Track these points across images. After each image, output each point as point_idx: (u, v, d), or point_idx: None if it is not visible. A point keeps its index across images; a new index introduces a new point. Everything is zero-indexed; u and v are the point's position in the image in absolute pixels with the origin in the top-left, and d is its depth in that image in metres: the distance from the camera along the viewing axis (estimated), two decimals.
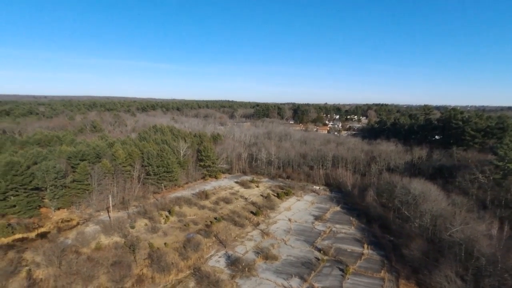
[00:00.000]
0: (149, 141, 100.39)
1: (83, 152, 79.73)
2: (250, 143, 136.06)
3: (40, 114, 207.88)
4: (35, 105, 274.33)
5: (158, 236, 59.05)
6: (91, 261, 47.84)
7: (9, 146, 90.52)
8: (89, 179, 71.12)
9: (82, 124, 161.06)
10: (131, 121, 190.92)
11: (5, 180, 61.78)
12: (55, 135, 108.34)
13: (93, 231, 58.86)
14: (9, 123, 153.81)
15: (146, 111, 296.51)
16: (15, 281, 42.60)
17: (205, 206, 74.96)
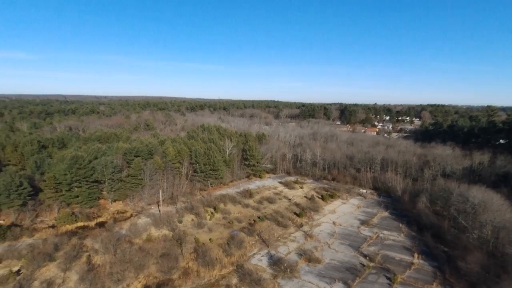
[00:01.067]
0: (197, 140, 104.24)
1: (137, 148, 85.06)
2: (295, 144, 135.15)
3: (100, 113, 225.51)
4: (96, 105, 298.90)
5: (203, 231, 61.13)
6: (142, 251, 51.00)
7: (74, 142, 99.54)
8: (142, 174, 75.70)
9: (137, 122, 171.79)
10: (181, 120, 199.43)
11: (70, 172, 68.13)
12: (113, 132, 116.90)
13: (145, 223, 62.61)
14: (75, 121, 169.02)
15: (195, 110, 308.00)
16: (77, 264, 46.84)
17: (249, 205, 75.99)
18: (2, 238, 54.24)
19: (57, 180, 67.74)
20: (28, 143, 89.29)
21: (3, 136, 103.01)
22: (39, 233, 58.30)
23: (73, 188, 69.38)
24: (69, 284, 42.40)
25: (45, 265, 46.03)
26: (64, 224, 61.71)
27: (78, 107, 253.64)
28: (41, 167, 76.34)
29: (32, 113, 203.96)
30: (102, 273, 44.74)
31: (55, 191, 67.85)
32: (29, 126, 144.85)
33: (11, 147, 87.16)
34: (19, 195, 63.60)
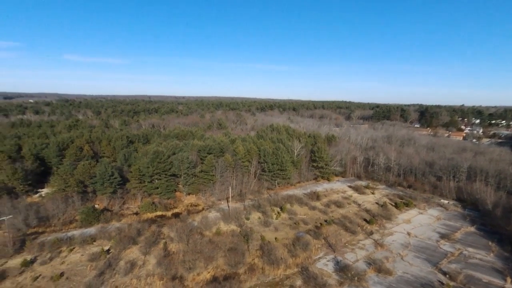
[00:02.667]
0: (266, 140, 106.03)
1: (210, 146, 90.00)
2: (367, 147, 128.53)
3: (179, 112, 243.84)
4: (175, 105, 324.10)
5: (269, 230, 61.97)
6: (212, 243, 53.84)
7: (156, 138, 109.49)
8: (214, 171, 79.83)
9: (210, 121, 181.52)
10: (251, 120, 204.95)
11: (152, 166, 75.17)
12: (189, 130, 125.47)
13: (215, 217, 65.94)
14: (157, 119, 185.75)
15: (264, 111, 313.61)
16: (155, 250, 51.48)
17: (316, 207, 74.70)
18: (97, 220, 62.38)
19: (141, 172, 75.38)
20: (119, 138, 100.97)
21: (99, 131, 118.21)
22: (125, 219, 65.61)
23: (154, 180, 76.40)
24: (148, 266, 46.84)
25: (129, 247, 51.60)
26: (145, 212, 68.47)
27: (160, 107, 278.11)
28: (129, 160, 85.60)
29: (123, 112, 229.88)
30: (176, 260, 48.45)
31: (139, 182, 75.61)
32: (120, 123, 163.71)
33: (106, 141, 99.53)
34: (111, 184, 72.40)
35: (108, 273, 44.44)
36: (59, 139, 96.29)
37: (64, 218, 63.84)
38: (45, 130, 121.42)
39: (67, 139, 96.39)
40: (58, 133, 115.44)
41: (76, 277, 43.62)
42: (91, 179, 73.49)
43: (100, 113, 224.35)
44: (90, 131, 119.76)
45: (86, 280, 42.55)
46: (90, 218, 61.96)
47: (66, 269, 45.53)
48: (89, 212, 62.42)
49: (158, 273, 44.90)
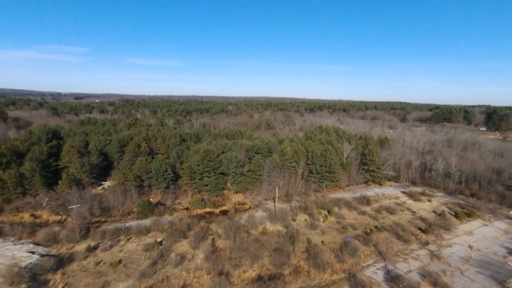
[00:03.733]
0: (314, 141, 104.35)
1: (258, 146, 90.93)
2: (424, 151, 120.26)
3: (228, 112, 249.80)
4: (225, 105, 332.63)
5: (316, 233, 60.94)
6: (258, 242, 54.42)
7: (207, 137, 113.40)
8: (261, 171, 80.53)
9: (259, 121, 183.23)
10: (299, 121, 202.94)
11: (202, 164, 78.04)
12: (238, 130, 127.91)
13: (261, 216, 66.52)
14: (208, 118, 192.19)
15: (313, 111, 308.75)
16: (204, 245, 53.40)
17: (366, 212, 71.78)
18: (151, 213, 66.46)
19: (192, 169, 78.66)
20: (172, 137, 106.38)
21: (155, 129, 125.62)
22: (176, 213, 68.99)
23: (204, 178, 79.26)
24: (197, 260, 48.75)
25: (180, 240, 54.15)
26: (195, 208, 71.33)
27: (211, 107, 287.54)
28: (181, 157, 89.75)
29: (177, 111, 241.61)
30: (223, 256, 49.79)
31: (190, 179, 78.97)
32: (174, 122, 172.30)
33: (161, 139, 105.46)
34: (164, 179, 76.57)
35: (160, 264, 47.11)
36: (120, 136, 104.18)
37: (123, 209, 68.95)
38: (108, 128, 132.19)
39: (127, 137, 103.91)
40: (119, 131, 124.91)
41: (132, 265, 46.87)
42: (147, 174, 78.47)
43: (156, 113, 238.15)
44: (147, 129, 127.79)
45: (141, 268, 45.54)
46: (146, 211, 66.22)
47: (123, 257, 49.15)
48: (144, 205, 66.77)
49: (205, 267, 46.54)
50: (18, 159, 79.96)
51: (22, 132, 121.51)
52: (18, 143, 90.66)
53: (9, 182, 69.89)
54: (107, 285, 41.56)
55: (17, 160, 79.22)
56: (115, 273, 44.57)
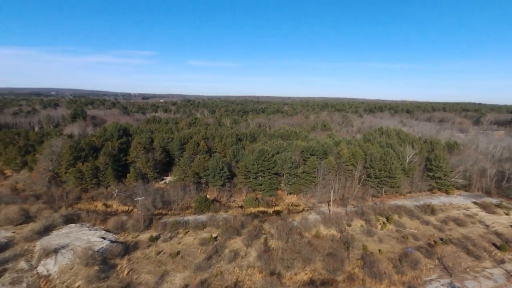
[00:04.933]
0: (373, 143, 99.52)
1: (313, 147, 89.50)
2: (502, 158, 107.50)
3: (284, 113, 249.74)
4: (281, 105, 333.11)
5: (373, 240, 58.07)
6: (310, 245, 53.60)
7: (262, 137, 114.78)
8: (316, 173, 79.12)
9: (315, 122, 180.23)
10: (358, 122, 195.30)
11: (257, 163, 79.16)
12: (293, 130, 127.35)
13: (315, 219, 65.35)
14: (263, 119, 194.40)
15: (373, 112, 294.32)
16: (256, 243, 54.12)
17: (430, 222, 66.46)
18: (207, 209, 69.26)
19: (247, 168, 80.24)
20: (229, 136, 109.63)
21: (213, 129, 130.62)
22: (231, 210, 70.95)
23: (258, 177, 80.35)
24: (249, 258, 49.60)
25: (234, 237, 55.58)
26: (249, 206, 72.64)
27: (267, 107, 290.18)
28: (237, 156, 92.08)
29: (234, 111, 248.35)
30: (275, 256, 49.95)
31: (245, 177, 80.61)
32: (231, 122, 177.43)
33: (218, 138, 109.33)
34: (221, 177, 79.24)
35: (215, 258, 48.86)
36: (181, 134, 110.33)
37: (182, 204, 72.89)
38: (171, 126, 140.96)
39: (187, 135, 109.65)
40: (180, 129, 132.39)
41: (189, 257, 49.33)
42: (204, 171, 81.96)
43: (215, 112, 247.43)
44: (206, 128, 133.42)
45: (196, 261, 47.74)
46: (202, 207, 69.23)
47: (181, 249, 51.96)
48: (201, 201, 69.86)
49: (258, 266, 47.14)
50: (94, 153, 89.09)
51: (98, 129, 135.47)
52: (94, 139, 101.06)
53: (86, 174, 78.22)
54: (166, 274, 44.30)
55: (93, 154, 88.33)
56: (173, 263, 47.32)
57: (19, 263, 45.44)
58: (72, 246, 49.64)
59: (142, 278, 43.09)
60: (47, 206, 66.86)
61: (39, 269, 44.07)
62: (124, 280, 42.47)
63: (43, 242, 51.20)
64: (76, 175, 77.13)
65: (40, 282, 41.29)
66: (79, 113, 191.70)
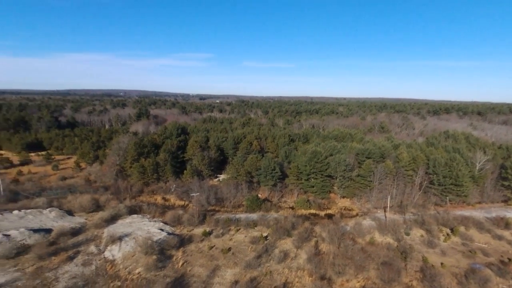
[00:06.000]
0: (437, 148, 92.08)
1: (369, 150, 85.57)
2: None
3: (339, 114, 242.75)
4: (336, 106, 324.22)
5: (434, 252, 53.72)
6: (364, 252, 51.31)
7: (315, 138, 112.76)
8: (372, 177, 75.52)
9: (372, 124, 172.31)
10: (420, 124, 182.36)
11: (309, 165, 78.01)
12: (348, 132, 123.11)
13: (369, 225, 62.44)
14: (317, 120, 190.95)
15: (438, 114, 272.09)
16: (307, 246, 53.33)
17: (503, 237, 59.50)
18: (259, 208, 70.03)
19: (299, 169, 79.50)
20: (282, 136, 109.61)
21: (266, 129, 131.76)
22: (282, 211, 70.86)
23: (310, 179, 79.14)
24: (299, 260, 49.05)
25: (284, 238, 55.43)
26: (300, 208, 71.91)
27: (321, 108, 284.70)
28: (289, 157, 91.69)
29: (287, 112, 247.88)
30: (326, 261, 48.73)
31: (297, 178, 79.95)
32: (284, 122, 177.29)
33: (271, 138, 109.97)
34: (272, 177, 79.58)
35: (265, 258, 49.20)
36: (235, 134, 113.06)
37: (234, 201, 74.67)
38: (225, 126, 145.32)
39: (240, 135, 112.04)
40: (234, 129, 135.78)
41: (240, 254, 50.34)
42: (256, 171, 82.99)
43: (268, 113, 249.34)
44: (259, 128, 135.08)
45: (247, 259, 48.52)
46: (254, 206, 70.19)
47: (232, 245, 53.23)
48: (253, 200, 70.86)
49: (308, 268, 46.41)
50: (155, 150, 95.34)
51: (159, 127, 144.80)
52: (156, 136, 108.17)
53: (148, 169, 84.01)
54: (217, 269, 45.74)
55: (154, 151, 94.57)
56: (224, 259, 48.67)
57: (89, 247, 50.40)
58: (134, 235, 53.66)
59: (195, 271, 45.02)
60: (114, 197, 73.22)
61: (106, 254, 48.40)
62: (179, 271, 44.76)
63: (109, 229, 56.16)
64: (139, 170, 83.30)
65: (106, 265, 45.33)
66: (143, 112, 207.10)
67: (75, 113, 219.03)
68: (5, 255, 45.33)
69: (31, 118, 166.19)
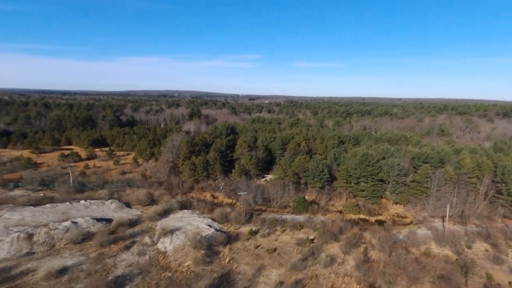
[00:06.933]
0: (507, 154, 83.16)
1: (426, 154, 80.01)
2: None
3: (393, 115, 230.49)
4: (390, 107, 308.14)
5: (501, 269, 48.57)
6: (418, 263, 48.10)
7: (366, 141, 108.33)
8: (429, 183, 70.55)
9: (430, 126, 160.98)
10: (486, 128, 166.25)
11: (360, 168, 75.14)
12: (403, 135, 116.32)
13: (424, 235, 58.37)
14: (369, 121, 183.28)
15: (508, 116, 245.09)
16: (355, 252, 51.42)
17: None
18: (305, 210, 69.11)
19: (348, 172, 76.98)
20: (331, 138, 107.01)
21: (315, 130, 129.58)
22: (329, 214, 69.16)
23: (360, 183, 76.23)
24: (347, 266, 47.45)
25: (331, 242, 54.02)
26: (348, 212, 69.59)
27: (373, 109, 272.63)
28: (338, 159, 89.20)
29: (337, 113, 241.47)
30: (375, 269, 46.53)
31: (346, 182, 77.50)
32: (333, 123, 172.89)
33: (319, 139, 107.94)
34: (320, 179, 78.05)
35: (310, 261, 48.40)
36: (283, 134, 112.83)
37: (281, 202, 74.55)
38: (273, 126, 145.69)
39: (288, 135, 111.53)
40: (282, 130, 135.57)
41: (285, 255, 50.13)
42: (304, 172, 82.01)
43: (317, 113, 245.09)
44: (307, 129, 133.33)
45: (292, 260, 48.15)
46: (300, 207, 69.43)
47: (278, 246, 53.19)
48: (300, 202, 70.12)
49: (355, 276, 44.71)
50: (206, 148, 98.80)
51: (209, 127, 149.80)
52: (206, 135, 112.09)
53: (198, 167, 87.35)
54: (263, 268, 46.03)
55: (205, 149, 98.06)
56: (270, 259, 48.81)
57: (144, 238, 53.78)
58: (184, 229, 56.09)
59: (241, 268, 45.78)
60: (167, 192, 77.28)
61: (159, 246, 51.25)
62: (225, 267, 45.86)
63: (162, 222, 59.39)
64: (190, 167, 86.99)
65: (158, 256, 48.00)
66: (195, 112, 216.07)
67: (134, 113, 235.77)
68: (73, 240, 50.15)
69: (97, 117, 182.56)
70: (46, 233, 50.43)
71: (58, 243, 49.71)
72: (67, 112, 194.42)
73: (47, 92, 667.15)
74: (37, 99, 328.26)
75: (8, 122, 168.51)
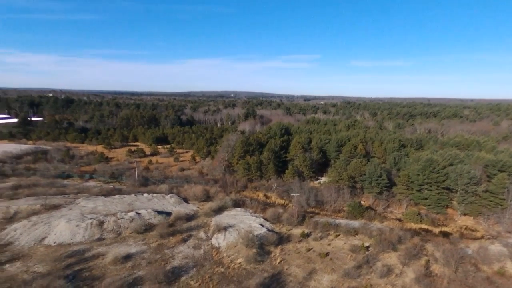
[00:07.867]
0: None
1: (503, 162, 71.63)
2: None
3: (463, 117, 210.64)
4: (460, 108, 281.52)
5: None
6: (490, 283, 43.27)
7: (431, 145, 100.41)
8: (505, 194, 63.08)
9: (508, 131, 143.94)
10: None
11: (423, 174, 69.97)
12: (475, 139, 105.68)
13: (498, 252, 52.24)
14: (435, 124, 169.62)
15: None
16: (415, 264, 47.93)
17: None
18: (361, 215, 66.28)
19: (410, 178, 72.16)
20: (391, 141, 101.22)
21: (373, 132, 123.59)
22: (387, 222, 65.39)
23: (423, 190, 71.00)
24: (405, 279, 44.45)
25: (388, 251, 51.06)
26: (409, 221, 65.14)
27: (440, 110, 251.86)
28: (398, 164, 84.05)
29: (398, 115, 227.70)
30: (439, 284, 42.89)
31: (407, 188, 72.75)
32: (394, 126, 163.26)
33: (378, 142, 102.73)
34: (378, 184, 74.30)
35: (365, 269, 46.28)
36: (339, 136, 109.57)
37: (335, 206, 72.52)
38: (329, 128, 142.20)
39: (345, 137, 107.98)
40: (338, 131, 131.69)
41: (338, 261, 48.63)
42: (360, 176, 78.73)
43: (376, 115, 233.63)
44: (365, 131, 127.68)
45: (345, 267, 46.52)
46: (355, 212, 66.77)
47: (331, 250, 51.78)
48: (355, 206, 67.46)
49: None
50: (260, 148, 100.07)
51: (264, 127, 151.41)
52: (260, 136, 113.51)
53: (252, 166, 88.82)
54: (314, 272, 45.19)
55: (259, 149, 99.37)
56: (322, 263, 47.74)
57: (199, 233, 56.22)
58: (237, 227, 57.41)
59: (291, 270, 45.48)
60: (222, 190, 79.89)
61: (213, 241, 53.18)
62: (276, 268, 45.96)
63: (216, 219, 61.51)
64: (244, 166, 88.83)
65: (212, 251, 49.82)
66: (250, 112, 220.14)
67: (193, 112, 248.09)
68: (137, 230, 54.38)
69: (160, 116, 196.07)
70: (114, 221, 55.37)
71: (124, 231, 54.25)
72: (134, 111, 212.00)
73: (118, 93, 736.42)
74: (110, 99, 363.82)
75: (86, 120, 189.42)
